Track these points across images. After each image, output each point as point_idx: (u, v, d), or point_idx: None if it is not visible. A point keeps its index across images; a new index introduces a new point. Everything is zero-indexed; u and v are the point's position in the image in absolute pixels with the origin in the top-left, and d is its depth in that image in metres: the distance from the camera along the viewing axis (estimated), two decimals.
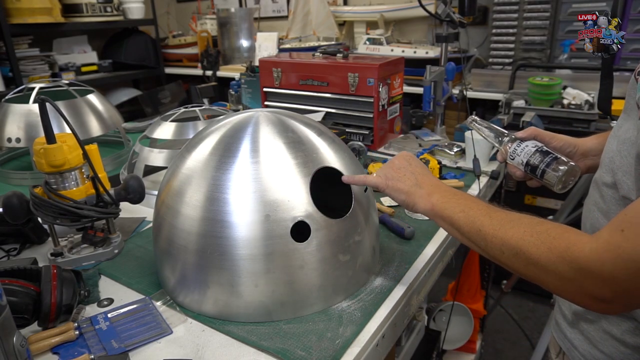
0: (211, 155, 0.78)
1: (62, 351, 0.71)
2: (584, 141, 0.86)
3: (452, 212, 0.69)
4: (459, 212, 0.69)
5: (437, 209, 0.71)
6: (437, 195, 0.73)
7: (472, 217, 0.67)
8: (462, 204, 0.69)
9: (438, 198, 0.72)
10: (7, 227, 0.96)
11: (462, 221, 0.68)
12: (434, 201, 0.72)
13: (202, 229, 0.74)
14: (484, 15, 2.67)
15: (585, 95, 2.06)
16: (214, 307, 0.77)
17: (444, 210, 0.71)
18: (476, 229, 0.65)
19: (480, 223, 0.65)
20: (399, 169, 0.78)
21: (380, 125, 1.57)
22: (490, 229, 0.63)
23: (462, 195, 0.72)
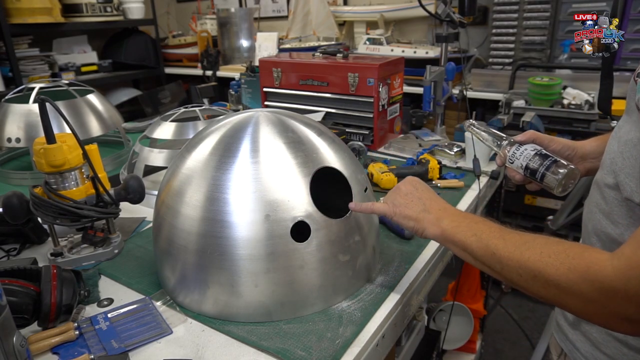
0: (211, 155, 0.78)
1: (62, 351, 0.71)
2: (583, 144, 0.86)
3: (463, 236, 0.67)
4: (470, 236, 0.66)
5: (447, 234, 0.70)
6: (446, 220, 0.71)
7: (485, 240, 0.65)
8: (474, 227, 0.67)
9: (448, 223, 0.70)
10: (7, 227, 0.96)
11: (474, 245, 0.66)
12: (444, 226, 0.70)
13: (202, 229, 0.74)
14: (484, 15, 2.67)
15: (585, 95, 2.06)
16: (214, 307, 0.77)
17: (455, 235, 0.68)
18: (490, 253, 0.63)
19: (494, 246, 0.63)
20: (405, 195, 0.77)
21: (380, 125, 1.57)
22: (505, 251, 0.61)
23: (473, 218, 0.70)
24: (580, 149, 0.85)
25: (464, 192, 1.25)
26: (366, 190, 0.85)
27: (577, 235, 2.10)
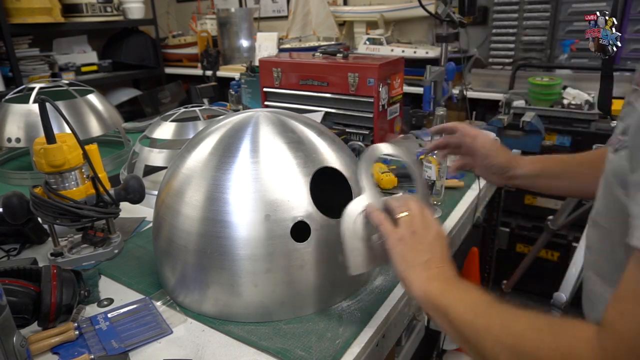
0: (211, 155, 0.78)
1: (62, 351, 0.71)
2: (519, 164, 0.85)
3: (446, 300, 0.60)
4: (453, 300, 0.60)
5: (430, 296, 0.61)
6: (437, 283, 0.63)
7: (467, 306, 0.58)
8: (462, 292, 0.61)
9: (436, 286, 0.62)
10: (7, 227, 0.96)
11: (453, 311, 0.58)
12: (431, 288, 0.62)
13: (202, 229, 0.74)
14: (484, 15, 2.67)
15: (585, 95, 2.06)
16: (214, 307, 0.77)
17: (437, 298, 0.61)
18: (468, 321, 0.57)
19: (474, 314, 0.57)
20: (414, 235, 0.66)
21: (380, 125, 1.57)
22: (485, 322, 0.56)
23: (465, 285, 0.62)
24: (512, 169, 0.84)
25: (464, 192, 1.25)
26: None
27: (577, 235, 2.10)
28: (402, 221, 0.67)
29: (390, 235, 0.66)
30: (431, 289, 0.62)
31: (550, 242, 2.08)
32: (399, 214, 0.68)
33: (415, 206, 0.69)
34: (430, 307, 0.62)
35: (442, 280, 0.63)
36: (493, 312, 0.56)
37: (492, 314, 0.56)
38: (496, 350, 0.53)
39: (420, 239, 0.66)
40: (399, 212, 0.68)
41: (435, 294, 0.61)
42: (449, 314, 0.59)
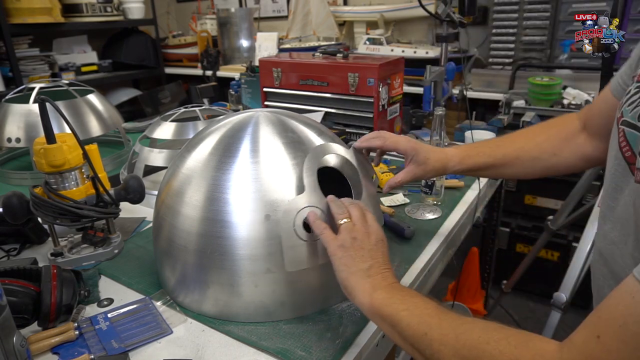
0: (211, 155, 0.78)
1: (62, 351, 0.71)
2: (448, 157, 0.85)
3: (394, 309, 0.58)
4: (402, 310, 0.58)
5: (376, 306, 0.60)
6: (381, 291, 0.61)
7: (418, 316, 0.57)
8: (408, 301, 0.59)
9: (381, 294, 0.61)
10: (7, 227, 0.96)
11: (405, 321, 0.57)
12: (376, 296, 0.61)
13: (202, 229, 0.74)
14: (484, 15, 2.66)
15: (585, 95, 2.06)
16: (214, 307, 0.77)
17: (384, 307, 0.59)
18: (422, 332, 0.55)
19: (427, 325, 0.55)
20: (355, 241, 0.66)
21: (380, 125, 1.57)
22: (439, 333, 0.54)
23: (409, 292, 0.62)
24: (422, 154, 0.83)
25: (464, 192, 1.25)
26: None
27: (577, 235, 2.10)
28: (342, 228, 0.67)
29: (331, 243, 0.67)
30: (377, 298, 0.61)
31: (550, 242, 2.08)
32: (339, 221, 0.68)
33: (356, 212, 0.70)
34: (377, 317, 0.61)
35: (387, 289, 0.62)
36: (445, 323, 0.55)
37: (444, 326, 0.55)
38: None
39: (360, 245, 0.66)
40: (340, 219, 0.69)
41: (381, 303, 0.60)
42: (398, 325, 0.58)
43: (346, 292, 0.65)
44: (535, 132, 0.83)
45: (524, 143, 0.83)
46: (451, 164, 0.84)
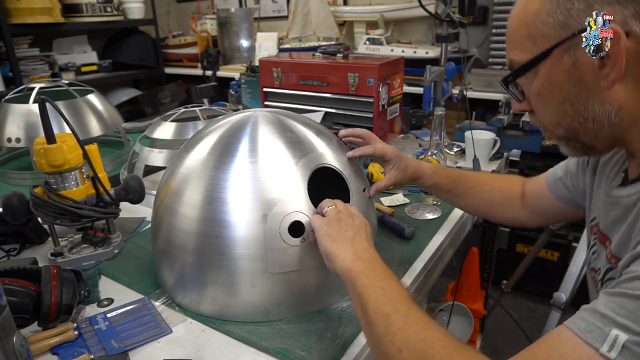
0: (209, 155, 0.78)
1: (61, 351, 0.71)
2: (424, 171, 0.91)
3: (370, 282, 0.61)
4: (378, 286, 0.60)
5: (354, 272, 0.63)
6: (362, 262, 0.64)
7: (389, 297, 0.59)
8: (386, 281, 0.62)
9: (362, 264, 0.64)
10: (7, 227, 0.96)
11: (374, 297, 0.59)
12: (358, 263, 0.64)
13: (200, 228, 0.74)
14: (484, 15, 2.66)
15: None
16: (212, 306, 0.77)
17: (361, 277, 0.62)
18: (384, 313, 0.57)
19: (394, 309, 0.57)
20: (340, 220, 0.71)
21: (380, 125, 1.57)
22: (403, 320, 0.56)
23: (390, 275, 0.64)
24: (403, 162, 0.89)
25: None
26: (365, 190, 0.85)
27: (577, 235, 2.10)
28: (328, 212, 0.72)
29: (317, 220, 0.71)
30: (358, 265, 0.64)
31: (550, 242, 2.08)
32: (325, 209, 0.73)
33: (341, 203, 0.74)
34: (351, 282, 0.63)
35: (367, 261, 0.65)
36: (412, 313, 0.57)
37: (410, 315, 0.57)
38: (403, 350, 0.54)
39: (345, 223, 0.70)
40: (325, 207, 0.73)
41: (360, 272, 0.63)
42: (368, 298, 0.60)
43: (327, 260, 0.68)
44: (490, 182, 0.95)
45: (480, 188, 0.94)
46: (424, 176, 0.91)
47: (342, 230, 0.69)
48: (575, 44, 0.54)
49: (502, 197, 0.92)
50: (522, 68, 0.60)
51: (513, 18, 0.61)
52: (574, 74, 0.56)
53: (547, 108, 0.61)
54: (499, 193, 0.92)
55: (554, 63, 0.56)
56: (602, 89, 0.55)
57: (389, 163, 0.89)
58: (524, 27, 0.58)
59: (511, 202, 0.92)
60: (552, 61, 0.56)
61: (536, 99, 0.62)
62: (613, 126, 0.57)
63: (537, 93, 0.61)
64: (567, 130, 0.60)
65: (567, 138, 0.62)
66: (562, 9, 0.54)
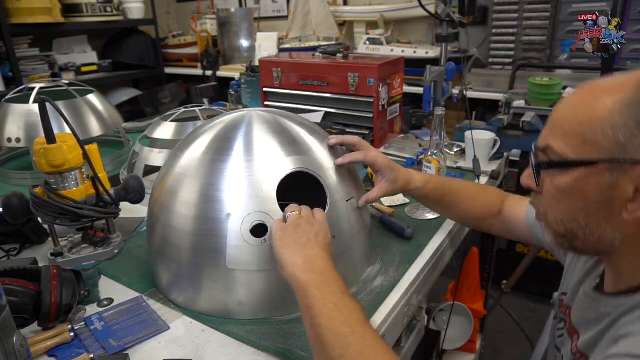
0: (205, 154, 0.78)
1: (58, 353, 0.71)
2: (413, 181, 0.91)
3: (322, 296, 0.60)
4: (330, 302, 0.59)
5: (305, 282, 0.62)
6: (312, 272, 0.63)
7: (345, 317, 0.58)
8: (339, 297, 0.60)
9: (313, 275, 0.63)
10: (7, 227, 0.96)
11: (329, 314, 0.58)
12: (309, 274, 0.63)
13: (196, 227, 0.74)
14: (484, 15, 2.66)
15: None
16: (208, 304, 0.77)
17: (312, 289, 0.61)
18: (342, 334, 0.56)
19: (351, 330, 0.56)
20: (298, 227, 0.70)
21: (380, 125, 1.57)
22: (361, 342, 0.55)
23: (341, 288, 0.62)
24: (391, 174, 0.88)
25: None
26: (350, 199, 0.83)
27: None
28: (289, 217, 0.72)
29: (275, 224, 0.71)
30: (305, 277, 0.63)
31: None
32: (287, 213, 0.73)
33: (306, 210, 0.74)
34: (302, 292, 0.62)
35: (318, 271, 0.64)
36: (368, 335, 0.57)
37: (367, 337, 0.56)
38: None
39: (302, 229, 0.69)
40: (289, 211, 0.73)
41: (312, 283, 0.62)
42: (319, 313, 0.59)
43: (280, 267, 0.68)
44: (473, 199, 0.97)
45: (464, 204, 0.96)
46: (413, 185, 0.91)
47: (296, 236, 0.68)
48: (623, 170, 0.52)
49: (482, 213, 0.96)
50: (561, 164, 0.56)
51: (573, 107, 0.57)
52: (605, 194, 0.54)
53: (560, 205, 0.59)
54: (479, 210, 0.96)
55: (592, 174, 0.54)
56: (622, 218, 0.54)
57: (380, 174, 0.89)
58: (581, 125, 0.54)
59: (490, 217, 0.96)
60: (591, 171, 0.54)
61: (555, 192, 0.59)
62: (612, 248, 0.57)
63: (559, 189, 0.58)
64: (568, 231, 0.59)
65: (562, 235, 0.61)
66: (628, 131, 0.51)
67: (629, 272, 0.59)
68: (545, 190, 0.61)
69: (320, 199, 0.79)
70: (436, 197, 0.95)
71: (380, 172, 0.88)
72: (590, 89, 0.56)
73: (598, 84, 0.56)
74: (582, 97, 0.56)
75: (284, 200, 0.75)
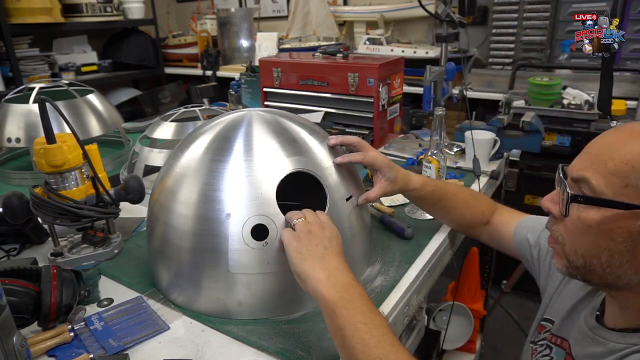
0: (204, 154, 0.78)
1: (58, 353, 0.71)
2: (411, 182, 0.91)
3: (351, 316, 0.59)
4: (360, 322, 0.59)
5: (333, 301, 0.61)
6: (336, 289, 0.62)
7: (377, 338, 0.57)
8: (367, 315, 0.60)
9: (338, 292, 0.62)
10: (7, 227, 0.96)
11: (359, 335, 0.58)
12: (334, 291, 0.62)
13: (196, 227, 0.74)
14: (484, 15, 2.67)
15: (585, 95, 2.06)
16: (208, 304, 0.77)
17: (341, 309, 0.60)
18: (375, 355, 0.56)
19: (383, 352, 0.56)
20: (310, 233, 0.69)
21: (380, 125, 1.57)
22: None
23: (367, 303, 0.62)
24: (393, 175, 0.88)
25: None
26: (350, 198, 0.83)
27: None
28: (297, 225, 0.71)
29: (286, 235, 0.69)
30: (334, 294, 0.62)
31: None
32: (293, 220, 0.71)
33: (311, 214, 0.73)
34: (330, 311, 0.61)
35: (342, 288, 0.62)
36: (401, 357, 0.56)
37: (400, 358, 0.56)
38: None
39: (315, 235, 0.68)
40: (294, 219, 0.71)
41: (339, 303, 0.61)
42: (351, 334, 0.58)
43: (299, 280, 0.66)
44: (466, 206, 0.98)
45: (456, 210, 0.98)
46: (411, 186, 0.91)
47: (312, 245, 0.67)
48: None
49: (474, 219, 0.98)
50: (598, 201, 0.55)
51: (618, 145, 0.56)
52: (633, 239, 0.54)
53: (583, 238, 0.58)
54: (471, 216, 0.98)
55: (624, 217, 0.54)
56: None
57: (379, 173, 0.88)
58: (626, 167, 0.53)
59: (480, 225, 0.99)
60: (624, 214, 0.54)
61: (581, 226, 0.58)
62: (627, 286, 0.57)
63: (586, 223, 0.57)
64: (585, 265, 0.59)
65: (576, 267, 0.60)
66: None
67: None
68: (569, 220, 0.60)
69: (320, 198, 0.79)
70: (432, 200, 0.96)
71: (380, 171, 0.88)
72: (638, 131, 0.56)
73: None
74: (630, 137, 0.55)
75: (284, 200, 0.75)
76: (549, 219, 0.65)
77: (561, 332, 0.74)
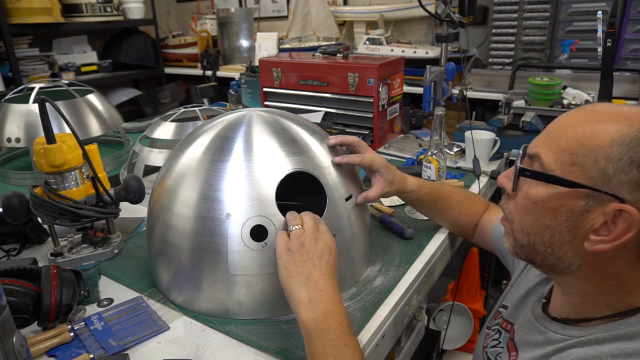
0: (204, 154, 0.78)
1: (58, 353, 0.71)
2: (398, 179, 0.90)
3: (322, 346, 0.60)
4: (330, 354, 0.59)
5: (308, 328, 0.62)
6: (314, 315, 0.62)
7: None
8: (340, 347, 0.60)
9: (314, 321, 0.62)
10: (7, 227, 0.96)
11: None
12: (311, 317, 0.62)
13: (195, 227, 0.74)
14: (484, 15, 2.67)
15: (585, 95, 2.06)
16: (207, 304, 0.77)
17: (314, 337, 0.61)
18: None
19: None
20: (302, 247, 0.68)
21: (380, 125, 1.57)
22: None
23: (344, 334, 0.62)
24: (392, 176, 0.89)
25: None
26: (349, 198, 0.83)
27: None
28: (292, 234, 0.70)
29: (280, 245, 0.70)
30: (311, 320, 0.62)
31: None
32: (290, 227, 0.71)
33: (309, 220, 0.72)
34: (306, 335, 0.62)
35: (320, 317, 0.62)
36: None
37: None
38: None
39: (307, 250, 0.68)
40: (292, 225, 0.71)
41: (314, 331, 0.61)
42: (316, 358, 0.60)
43: (286, 295, 0.67)
44: (460, 208, 0.99)
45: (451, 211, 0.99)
46: (408, 187, 0.92)
47: (301, 261, 0.67)
48: (600, 201, 0.51)
49: (467, 220, 0.99)
50: (544, 176, 0.55)
51: (574, 124, 0.55)
52: (574, 218, 0.54)
53: (529, 216, 0.58)
54: (465, 217, 0.99)
55: (570, 196, 0.53)
56: (583, 245, 0.54)
57: (378, 174, 0.89)
58: (577, 146, 0.53)
59: (471, 227, 1.00)
60: (569, 192, 0.53)
61: (528, 202, 0.58)
62: (569, 270, 0.57)
63: (532, 199, 0.57)
64: (529, 244, 0.59)
65: (521, 246, 0.61)
66: (618, 166, 0.50)
67: (582, 301, 0.59)
68: (518, 197, 0.60)
69: (320, 198, 0.79)
70: (429, 202, 0.97)
71: (378, 172, 0.88)
72: (597, 111, 0.54)
73: (607, 108, 0.54)
74: (587, 117, 0.55)
75: (284, 200, 0.75)
76: (503, 197, 0.66)
77: (511, 317, 0.74)
